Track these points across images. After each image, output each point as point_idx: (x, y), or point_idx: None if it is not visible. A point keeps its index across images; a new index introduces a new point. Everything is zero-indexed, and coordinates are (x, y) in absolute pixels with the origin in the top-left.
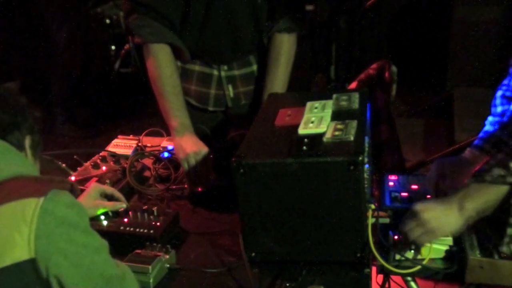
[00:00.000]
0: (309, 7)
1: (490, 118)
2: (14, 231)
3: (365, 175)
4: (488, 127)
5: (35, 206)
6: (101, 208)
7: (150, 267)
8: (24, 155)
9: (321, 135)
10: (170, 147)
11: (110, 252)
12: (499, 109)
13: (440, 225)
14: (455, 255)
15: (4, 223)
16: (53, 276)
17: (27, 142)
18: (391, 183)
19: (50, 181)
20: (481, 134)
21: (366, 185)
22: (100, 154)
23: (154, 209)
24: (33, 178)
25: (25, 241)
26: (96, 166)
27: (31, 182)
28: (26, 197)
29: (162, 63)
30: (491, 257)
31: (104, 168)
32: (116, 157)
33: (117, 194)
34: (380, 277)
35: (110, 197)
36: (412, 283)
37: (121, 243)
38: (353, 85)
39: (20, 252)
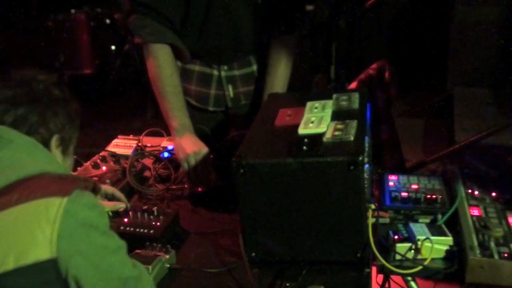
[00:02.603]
0: (309, 7)
1: None
2: (37, 229)
3: (365, 175)
4: None
5: (59, 206)
6: None
7: (150, 267)
8: (51, 151)
9: (321, 135)
10: (170, 147)
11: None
12: None
13: None
14: (455, 255)
15: (27, 221)
16: (72, 276)
17: (54, 141)
18: (391, 183)
19: (73, 180)
20: None
21: (366, 185)
22: (100, 154)
23: (154, 209)
24: (57, 176)
25: (47, 240)
26: (96, 166)
27: (55, 180)
28: (50, 196)
29: (162, 63)
30: (491, 257)
31: (104, 168)
32: (116, 157)
33: (118, 193)
34: (380, 277)
35: (111, 197)
36: (412, 283)
37: None
38: (353, 85)
39: (42, 251)
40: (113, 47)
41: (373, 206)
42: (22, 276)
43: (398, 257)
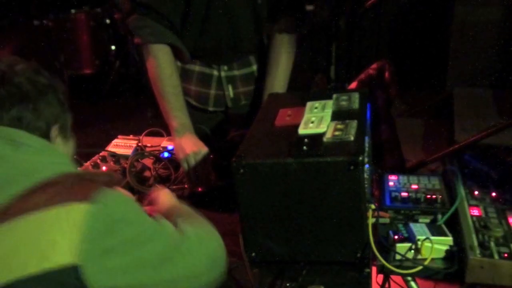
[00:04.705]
0: (309, 7)
1: None
2: (59, 235)
3: (365, 175)
4: None
5: (81, 211)
6: None
7: None
8: (52, 142)
9: (321, 135)
10: (170, 147)
11: None
12: None
13: None
14: (455, 255)
15: (49, 227)
16: (97, 282)
17: (53, 131)
18: (391, 183)
19: (92, 179)
20: None
21: (366, 185)
22: (100, 154)
23: None
24: (75, 176)
25: (69, 246)
26: (96, 166)
27: (74, 182)
28: (71, 200)
29: (162, 63)
30: (491, 257)
31: (104, 168)
32: (116, 157)
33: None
34: (380, 277)
35: None
36: (412, 283)
37: None
38: (353, 85)
39: (63, 257)
40: (113, 47)
41: (373, 206)
42: (43, 282)
43: (398, 257)
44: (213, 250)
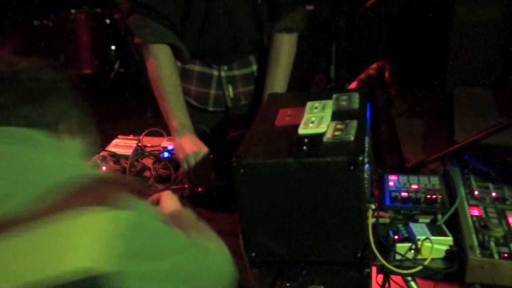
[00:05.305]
0: (309, 7)
1: None
2: (81, 239)
3: (365, 175)
4: None
5: (103, 217)
6: None
7: None
8: (60, 138)
9: (321, 135)
10: (170, 147)
11: None
12: None
13: None
14: (455, 255)
15: (71, 230)
16: None
17: (61, 127)
18: (391, 183)
19: (114, 182)
20: None
21: (366, 185)
22: (100, 154)
23: None
24: (96, 180)
25: (90, 251)
26: (96, 166)
27: (92, 185)
28: (94, 205)
29: (162, 63)
30: (491, 257)
31: (104, 168)
32: (116, 157)
33: None
34: (380, 277)
35: None
36: (412, 283)
37: None
38: (353, 85)
39: (83, 262)
40: (113, 47)
41: (373, 206)
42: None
43: (398, 257)
44: (225, 269)
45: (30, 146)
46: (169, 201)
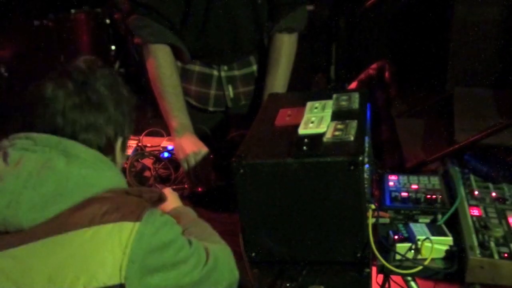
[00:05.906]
0: (309, 7)
1: None
2: (108, 254)
3: (365, 175)
4: None
5: (131, 231)
6: None
7: None
8: (111, 160)
9: (321, 135)
10: (170, 147)
11: None
12: None
13: None
14: (455, 255)
15: (98, 245)
16: None
17: (118, 144)
18: (391, 183)
19: (140, 196)
20: None
21: (366, 185)
22: None
23: None
24: (124, 193)
25: (117, 265)
26: None
27: (123, 199)
28: (122, 220)
29: (162, 63)
30: (491, 257)
31: None
32: None
33: None
34: (380, 277)
35: None
36: (412, 283)
37: None
38: (353, 85)
39: (111, 276)
40: (113, 47)
41: (373, 206)
42: None
43: (398, 257)
44: (228, 269)
45: (67, 158)
46: (171, 198)
